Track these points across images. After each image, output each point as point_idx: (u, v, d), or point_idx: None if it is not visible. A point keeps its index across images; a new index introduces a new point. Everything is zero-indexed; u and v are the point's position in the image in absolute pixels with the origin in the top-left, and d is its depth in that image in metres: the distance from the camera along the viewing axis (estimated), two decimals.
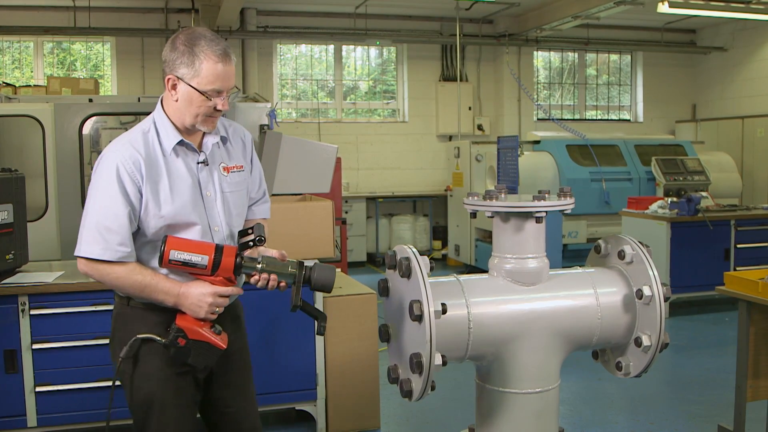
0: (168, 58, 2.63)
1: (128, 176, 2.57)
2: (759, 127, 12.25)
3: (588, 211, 10.51)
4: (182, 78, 2.60)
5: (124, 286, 2.63)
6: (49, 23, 11.02)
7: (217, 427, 3.00)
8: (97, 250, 2.57)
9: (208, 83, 2.60)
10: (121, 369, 2.75)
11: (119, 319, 2.80)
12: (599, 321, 2.82)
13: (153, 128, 2.70)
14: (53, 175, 6.46)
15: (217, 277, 2.58)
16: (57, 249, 6.41)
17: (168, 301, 2.61)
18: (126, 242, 2.59)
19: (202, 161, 2.74)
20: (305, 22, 12.36)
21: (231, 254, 2.58)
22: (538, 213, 2.74)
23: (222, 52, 2.61)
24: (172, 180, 2.65)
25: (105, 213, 2.57)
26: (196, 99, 2.62)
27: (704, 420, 5.15)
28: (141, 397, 2.75)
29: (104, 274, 2.61)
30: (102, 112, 7.09)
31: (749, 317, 4.41)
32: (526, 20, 12.65)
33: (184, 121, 2.68)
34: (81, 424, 4.42)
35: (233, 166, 2.84)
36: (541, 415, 2.81)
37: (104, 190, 2.57)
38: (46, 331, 4.28)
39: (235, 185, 2.83)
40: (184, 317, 2.61)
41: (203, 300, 2.58)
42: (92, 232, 2.57)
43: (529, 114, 13.54)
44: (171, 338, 2.57)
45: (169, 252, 2.51)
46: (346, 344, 4.91)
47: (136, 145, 2.63)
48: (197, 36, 2.61)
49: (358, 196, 12.27)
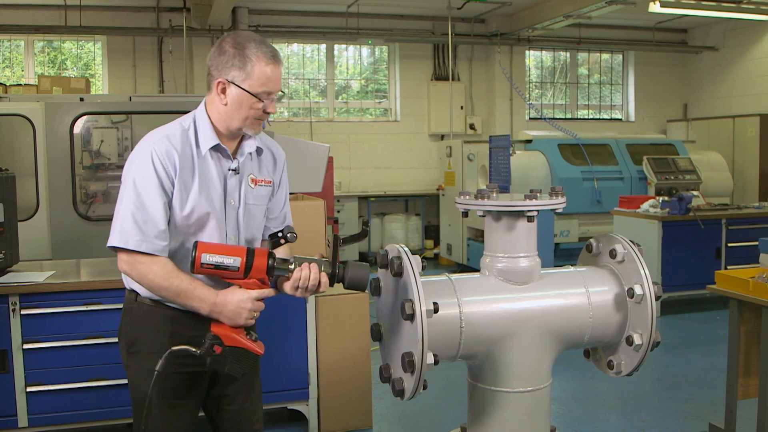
0: (216, 62, 2.61)
1: (163, 169, 2.56)
2: (750, 126, 12.28)
3: (580, 210, 10.52)
4: (233, 81, 2.59)
5: (160, 289, 2.58)
6: (40, 22, 10.97)
7: (216, 423, 2.99)
8: (133, 241, 2.53)
9: (260, 85, 2.59)
10: (125, 363, 2.78)
11: (127, 314, 2.80)
12: (591, 320, 2.82)
13: (193, 127, 2.69)
14: (44, 175, 6.44)
15: (250, 279, 2.53)
16: (48, 248, 6.39)
17: (203, 309, 2.56)
18: (162, 235, 2.57)
19: (233, 168, 2.72)
20: (297, 21, 12.34)
21: (263, 255, 2.53)
22: (530, 212, 2.75)
23: (272, 54, 2.61)
24: (201, 182, 2.64)
25: (141, 204, 2.54)
26: (246, 101, 2.61)
27: (695, 418, 5.17)
28: (140, 394, 2.74)
29: (142, 273, 2.57)
30: (93, 111, 7.08)
31: (740, 316, 4.43)
32: (518, 19, 12.66)
33: (231, 125, 2.66)
34: (72, 424, 4.41)
35: (261, 179, 2.82)
36: (532, 414, 2.82)
37: (141, 181, 2.55)
38: (36, 330, 4.26)
39: (259, 198, 2.81)
40: (219, 325, 2.56)
41: (242, 306, 2.53)
42: (128, 222, 2.54)
43: (521, 113, 13.56)
44: (206, 347, 2.52)
45: (201, 256, 2.46)
46: (338, 343, 4.91)
47: (174, 141, 2.62)
48: (246, 39, 2.60)
49: (350, 195, 12.27)
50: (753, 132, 12.21)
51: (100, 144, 7.15)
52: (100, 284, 4.36)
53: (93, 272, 4.98)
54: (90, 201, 7.11)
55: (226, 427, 2.96)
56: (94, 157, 7.16)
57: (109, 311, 4.33)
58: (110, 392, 4.38)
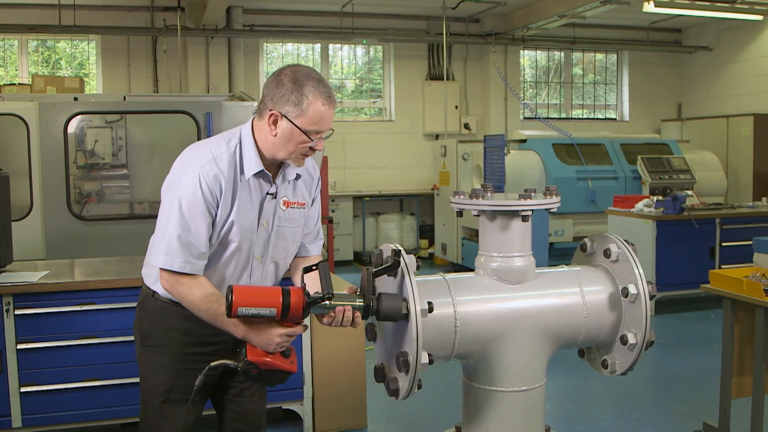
0: (272, 94, 2.62)
1: (210, 193, 2.61)
2: (743, 126, 12.31)
3: (574, 210, 10.53)
4: (286, 115, 2.60)
5: (198, 310, 2.64)
6: (34, 21, 10.94)
7: (223, 414, 3.04)
8: (177, 263, 2.62)
9: (312, 124, 2.61)
10: (138, 355, 2.88)
11: (143, 308, 2.88)
12: (585, 319, 2.82)
13: (238, 149, 2.71)
14: (38, 175, 6.43)
15: (286, 322, 2.57)
16: (42, 248, 6.38)
17: (237, 333, 2.60)
18: (204, 256, 2.66)
19: (271, 193, 2.76)
20: (292, 21, 12.33)
21: (299, 302, 2.51)
22: (524, 212, 2.74)
23: (329, 95, 2.62)
24: (240, 204, 2.69)
25: (187, 227, 2.61)
26: (296, 137, 2.62)
27: (689, 417, 5.18)
28: (149, 386, 2.86)
29: (183, 294, 2.65)
30: (87, 110, 7.06)
31: (734, 315, 4.44)
32: (513, 19, 12.67)
33: (277, 155, 2.69)
34: (67, 425, 4.41)
35: (295, 201, 2.86)
36: (527, 413, 2.82)
37: (188, 205, 2.60)
38: (31, 331, 4.25)
39: (289, 221, 2.85)
40: (253, 350, 2.61)
41: (272, 340, 2.57)
42: (174, 244, 2.61)
43: (516, 113, 13.58)
44: (243, 368, 2.60)
45: (237, 308, 2.45)
46: (333, 343, 4.91)
47: (221, 165, 2.65)
48: (305, 75, 2.61)
49: (345, 195, 12.26)
50: (747, 132, 12.23)
51: (94, 144, 7.13)
52: (94, 284, 4.36)
53: (87, 272, 4.98)
54: (84, 201, 7.09)
55: (233, 418, 3.02)
56: (89, 156, 7.14)
57: (103, 311, 4.33)
58: (105, 392, 4.37)
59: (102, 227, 6.76)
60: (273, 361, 2.61)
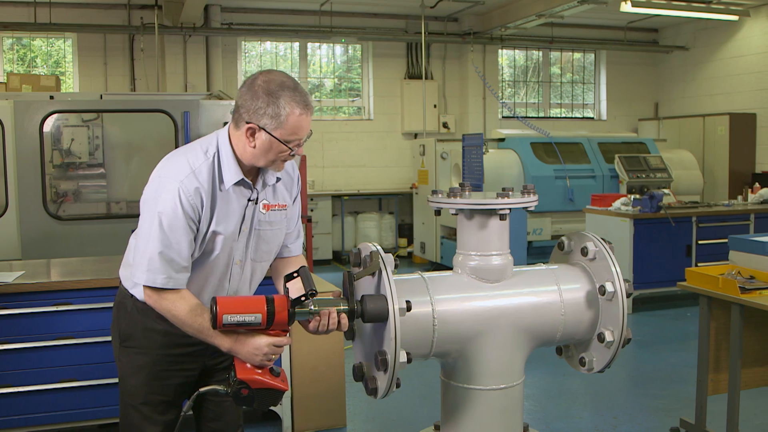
0: (248, 106, 2.56)
1: (191, 207, 2.56)
2: (719, 125, 12.44)
3: (552, 209, 10.59)
4: (264, 128, 2.55)
5: (183, 324, 2.60)
6: (9, 18, 10.82)
7: (200, 414, 3.03)
8: (160, 279, 2.57)
9: (291, 134, 2.57)
10: (117, 356, 2.85)
11: (122, 309, 2.84)
12: (563, 317, 2.84)
13: (216, 158, 2.66)
14: (13, 174, 6.37)
15: (272, 330, 2.54)
16: (17, 248, 6.32)
17: (223, 346, 2.56)
18: (186, 270, 2.62)
19: (252, 199, 2.73)
20: (270, 20, 12.29)
21: (283, 307, 2.50)
22: (502, 210, 2.76)
23: (305, 102, 2.58)
24: (220, 214, 2.65)
25: (168, 243, 2.56)
26: (275, 148, 2.59)
27: (666, 414, 5.22)
28: (128, 387, 2.83)
29: (167, 309, 2.60)
30: (63, 109, 7.02)
31: (710, 312, 4.48)
32: (491, 18, 12.70)
33: (256, 163, 2.66)
34: (44, 426, 4.37)
35: (275, 204, 2.83)
36: (505, 411, 2.83)
37: (168, 221, 2.55)
38: (6, 332, 4.21)
39: (270, 224, 2.82)
40: (243, 368, 2.57)
41: (259, 350, 2.53)
42: (155, 261, 2.56)
43: (494, 112, 13.62)
44: (234, 390, 2.56)
45: (222, 317, 2.43)
46: (312, 342, 4.88)
47: (201, 178, 2.60)
48: (279, 86, 2.55)
49: (324, 194, 12.24)
50: (723, 131, 12.36)
51: (70, 143, 7.08)
52: (71, 284, 4.32)
53: (63, 272, 4.94)
54: (60, 200, 7.04)
55: (210, 418, 3.02)
56: (65, 155, 7.09)
57: (80, 311, 4.29)
58: (82, 393, 4.34)
59: (78, 227, 6.71)
60: (263, 378, 2.57)
